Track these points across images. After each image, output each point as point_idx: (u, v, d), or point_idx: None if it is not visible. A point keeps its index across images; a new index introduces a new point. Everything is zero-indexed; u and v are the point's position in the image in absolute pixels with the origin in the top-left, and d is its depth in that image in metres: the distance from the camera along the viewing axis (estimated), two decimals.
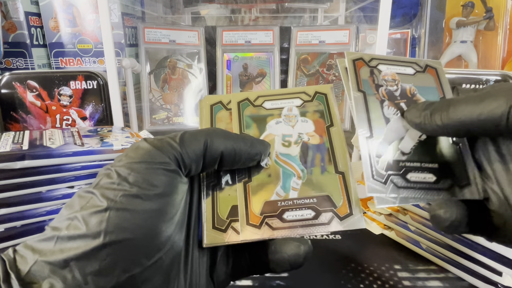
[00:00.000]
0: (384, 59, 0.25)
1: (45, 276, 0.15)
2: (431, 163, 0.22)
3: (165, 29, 0.70)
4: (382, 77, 0.24)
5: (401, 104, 0.23)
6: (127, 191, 0.17)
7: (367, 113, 0.23)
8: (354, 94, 0.23)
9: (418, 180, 0.21)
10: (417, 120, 0.21)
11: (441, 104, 0.20)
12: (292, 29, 0.72)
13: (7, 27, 0.66)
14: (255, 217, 0.21)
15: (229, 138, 0.21)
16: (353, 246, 0.40)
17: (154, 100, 0.69)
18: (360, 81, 0.24)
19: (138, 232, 0.17)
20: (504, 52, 0.63)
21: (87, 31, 0.69)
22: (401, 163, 0.22)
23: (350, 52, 0.25)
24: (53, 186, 0.35)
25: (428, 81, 0.25)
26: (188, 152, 0.19)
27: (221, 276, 0.22)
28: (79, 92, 0.53)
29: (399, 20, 0.79)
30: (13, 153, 0.32)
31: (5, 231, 0.33)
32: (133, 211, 0.17)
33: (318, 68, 0.71)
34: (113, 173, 0.17)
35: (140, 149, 0.19)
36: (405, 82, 0.24)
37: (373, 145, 0.22)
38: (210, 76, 0.73)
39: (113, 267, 0.16)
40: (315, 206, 0.21)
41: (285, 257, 0.20)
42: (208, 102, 0.25)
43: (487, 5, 0.63)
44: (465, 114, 0.18)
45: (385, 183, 0.21)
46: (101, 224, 0.16)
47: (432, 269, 0.36)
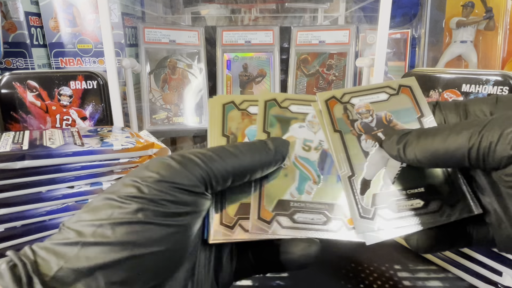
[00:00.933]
0: (356, 91, 0.25)
1: (69, 283, 0.15)
2: (417, 188, 0.22)
3: (165, 29, 0.70)
4: (356, 111, 0.24)
5: (379, 134, 0.23)
6: (158, 207, 0.17)
7: (345, 152, 0.23)
8: (331, 136, 0.23)
9: (406, 208, 0.21)
10: (393, 153, 0.21)
11: (412, 138, 0.20)
12: (292, 29, 0.72)
13: (7, 27, 0.66)
14: (266, 213, 0.21)
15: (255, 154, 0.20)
16: (353, 246, 0.41)
17: (154, 100, 0.69)
18: (335, 121, 0.24)
19: (165, 246, 0.17)
20: (504, 52, 0.63)
21: (87, 31, 0.69)
22: (386, 194, 0.22)
23: (321, 93, 0.25)
24: (53, 186, 0.35)
25: (404, 102, 0.25)
26: (216, 175, 0.19)
27: (226, 277, 0.22)
28: (79, 92, 0.53)
29: (399, 20, 0.79)
30: (13, 153, 0.32)
31: (5, 231, 0.33)
32: (161, 226, 0.17)
33: (318, 68, 0.71)
34: (144, 188, 0.17)
35: (170, 168, 0.18)
36: (380, 110, 0.24)
37: (356, 183, 0.22)
38: (210, 76, 0.73)
39: (137, 278, 0.16)
40: (326, 213, 0.21)
41: (294, 258, 0.20)
42: (220, 101, 0.25)
43: (487, 5, 0.63)
44: (433, 150, 0.19)
45: (372, 219, 0.21)
46: (130, 235, 0.16)
47: (432, 269, 0.36)
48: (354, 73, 0.70)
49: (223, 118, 0.25)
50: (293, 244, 0.21)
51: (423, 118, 0.24)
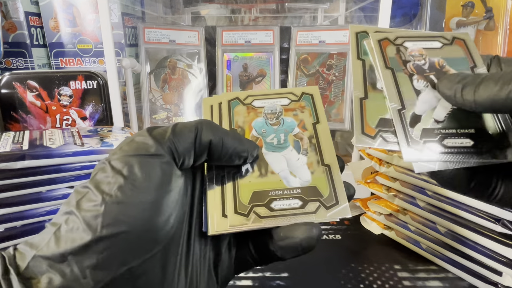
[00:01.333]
0: (410, 35, 0.25)
1: (44, 271, 0.15)
2: (467, 128, 0.22)
3: (165, 29, 0.70)
4: (409, 53, 0.24)
5: (431, 76, 0.23)
6: (122, 184, 0.17)
7: (397, 88, 0.23)
8: (383, 72, 0.23)
9: (455, 145, 0.21)
10: (448, 92, 0.21)
11: (473, 80, 0.19)
12: (292, 29, 0.72)
13: (7, 27, 0.66)
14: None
15: (219, 130, 0.21)
16: (353, 246, 0.40)
17: (154, 100, 0.69)
18: (387, 59, 0.24)
19: (134, 224, 0.17)
20: (504, 52, 0.63)
21: (87, 31, 0.69)
22: (436, 130, 0.22)
23: (375, 32, 0.25)
24: (53, 186, 0.35)
25: (457, 52, 0.25)
26: (180, 142, 0.19)
27: (225, 269, 0.22)
28: (79, 92, 0.53)
29: (399, 20, 0.79)
30: (13, 153, 0.32)
31: (5, 231, 0.33)
32: (128, 203, 0.17)
33: (318, 68, 0.71)
34: (107, 167, 0.18)
35: (134, 142, 0.19)
36: (433, 56, 0.24)
37: (406, 116, 0.22)
38: (210, 76, 0.73)
39: (111, 260, 0.16)
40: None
41: (297, 242, 0.20)
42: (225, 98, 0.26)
43: (487, 5, 0.63)
44: (494, 94, 0.18)
45: (421, 151, 0.21)
46: (97, 218, 0.16)
47: (432, 269, 0.36)
48: None
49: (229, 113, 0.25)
50: (293, 229, 0.21)
51: (476, 69, 0.24)
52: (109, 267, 0.16)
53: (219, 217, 0.21)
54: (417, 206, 0.38)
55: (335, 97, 0.69)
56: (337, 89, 0.70)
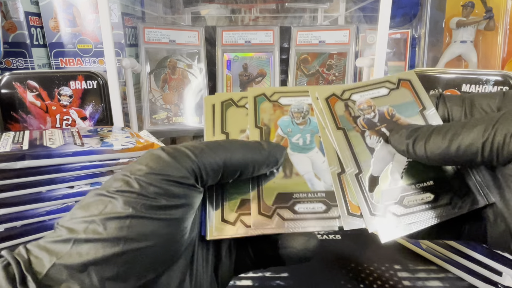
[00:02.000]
0: (356, 87, 0.25)
1: (63, 280, 0.15)
2: (426, 181, 0.22)
3: (165, 29, 0.70)
4: (357, 107, 0.24)
5: (382, 129, 0.23)
6: (148, 200, 0.17)
7: (350, 150, 0.22)
8: (335, 133, 0.23)
9: (416, 203, 0.21)
10: (401, 148, 0.21)
11: (422, 134, 0.20)
12: (292, 29, 0.72)
13: (7, 27, 0.66)
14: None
15: (248, 152, 0.20)
16: (353, 246, 0.40)
17: (154, 100, 0.69)
18: (337, 119, 0.23)
19: (157, 240, 0.17)
20: (504, 52, 0.63)
21: (87, 31, 0.69)
22: (395, 190, 0.21)
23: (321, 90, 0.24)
24: (53, 186, 0.35)
25: (404, 96, 0.24)
26: (206, 167, 0.19)
27: (225, 272, 0.22)
28: (79, 92, 0.53)
29: (399, 20, 0.79)
30: (13, 153, 0.32)
31: (5, 231, 0.33)
32: (153, 219, 0.17)
33: (318, 68, 0.71)
34: (133, 182, 0.17)
35: (160, 160, 0.18)
36: (382, 105, 0.24)
37: (364, 180, 0.22)
38: (210, 76, 0.73)
39: (131, 274, 0.16)
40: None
41: (294, 252, 0.21)
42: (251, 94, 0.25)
43: (487, 5, 0.63)
44: (444, 148, 0.19)
45: (384, 216, 0.21)
46: (121, 230, 0.16)
47: (432, 269, 0.36)
48: (354, 73, 0.70)
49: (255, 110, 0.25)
50: (292, 239, 0.21)
51: (425, 111, 0.23)
52: (127, 280, 0.16)
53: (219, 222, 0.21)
54: None
55: None
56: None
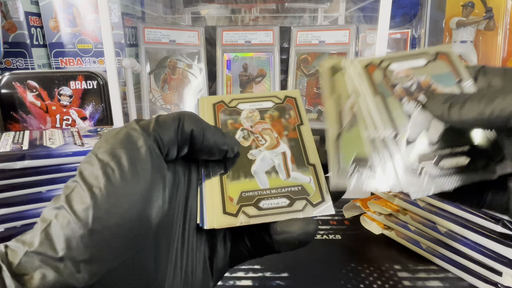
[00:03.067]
0: (394, 57, 0.26)
1: (36, 267, 0.15)
2: (462, 146, 0.22)
3: (165, 29, 0.70)
4: (395, 75, 0.25)
5: (420, 97, 0.23)
6: (110, 176, 0.17)
7: (388, 114, 0.23)
8: (373, 99, 0.24)
9: (452, 165, 0.21)
10: (437, 113, 0.21)
11: (458, 99, 0.20)
12: (292, 29, 0.72)
13: (7, 27, 0.66)
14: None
15: (201, 121, 0.21)
16: (353, 246, 0.41)
17: (154, 100, 0.69)
18: (375, 85, 0.24)
19: (125, 216, 0.17)
20: (504, 52, 0.63)
21: (87, 31, 0.69)
22: (431, 152, 0.22)
23: (360, 59, 0.25)
24: (53, 186, 0.35)
25: (442, 68, 0.25)
26: (163, 132, 0.19)
27: (220, 262, 0.22)
28: (79, 92, 0.53)
29: (399, 20, 0.79)
30: (13, 153, 0.32)
31: (5, 231, 0.33)
32: (118, 195, 0.17)
33: (318, 68, 0.71)
34: (94, 159, 0.17)
35: (119, 134, 0.19)
36: (419, 75, 0.25)
37: (401, 141, 0.22)
38: (210, 76, 0.73)
39: (104, 253, 0.16)
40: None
41: (294, 236, 0.21)
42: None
43: (487, 5, 0.63)
44: (478, 112, 0.19)
45: (419, 175, 0.21)
46: (87, 211, 0.16)
47: (432, 269, 0.36)
48: None
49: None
50: (291, 224, 0.21)
51: (462, 83, 0.24)
52: (103, 260, 0.16)
53: (217, 212, 0.22)
54: (417, 206, 0.38)
55: None
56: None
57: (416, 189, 0.21)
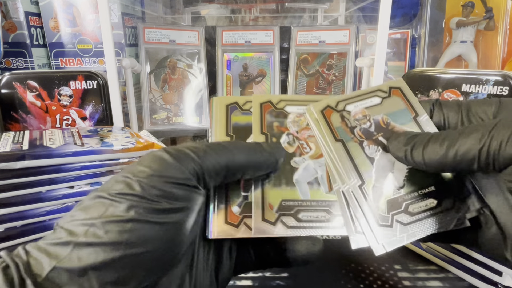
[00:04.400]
0: (349, 98, 0.25)
1: (63, 283, 0.15)
2: (427, 187, 0.22)
3: (165, 29, 0.70)
4: (353, 117, 0.24)
5: (380, 138, 0.23)
6: (150, 204, 0.17)
7: (351, 161, 0.23)
8: (334, 146, 0.23)
9: (421, 209, 0.21)
10: (400, 155, 0.21)
11: (420, 141, 0.20)
12: (292, 29, 0.72)
13: (7, 27, 0.66)
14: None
15: (251, 154, 0.20)
16: None
17: (154, 100, 0.69)
18: (334, 130, 0.24)
19: (158, 244, 0.17)
20: (504, 52, 0.63)
21: (87, 31, 0.69)
22: (399, 199, 0.22)
23: (315, 104, 0.25)
24: (53, 186, 0.35)
25: (397, 104, 0.25)
26: (209, 168, 0.19)
27: (225, 272, 0.22)
28: (79, 92, 0.53)
29: (399, 20, 0.79)
30: (13, 153, 0.32)
31: (5, 231, 0.33)
32: (154, 223, 0.17)
33: (318, 68, 0.71)
34: (135, 184, 0.17)
35: (162, 161, 0.18)
36: (376, 114, 0.24)
37: (368, 191, 0.22)
38: (210, 76, 0.73)
39: (131, 278, 0.16)
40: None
41: (298, 255, 0.21)
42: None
43: (487, 5, 0.63)
44: (441, 155, 0.19)
45: (391, 226, 0.21)
46: (122, 234, 0.16)
47: (432, 269, 0.36)
48: (354, 73, 0.70)
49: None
50: (297, 243, 0.21)
51: (418, 118, 0.24)
52: (127, 284, 0.16)
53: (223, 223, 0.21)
54: None
55: None
56: (337, 89, 0.70)
57: (388, 241, 0.20)
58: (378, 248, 0.20)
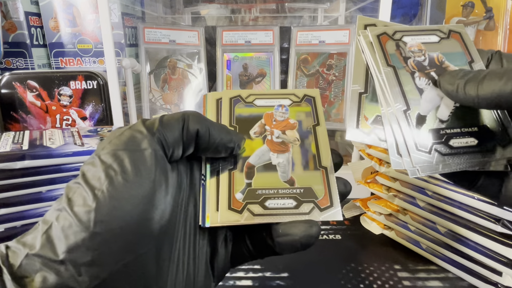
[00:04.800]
0: (407, 30, 0.25)
1: (37, 269, 0.15)
2: (471, 127, 0.22)
3: (165, 29, 0.70)
4: (408, 48, 0.24)
5: (432, 73, 0.23)
6: (113, 178, 0.17)
7: (400, 87, 0.23)
8: (384, 70, 0.23)
9: (461, 145, 0.21)
10: (450, 88, 0.21)
11: (475, 75, 0.20)
12: (292, 29, 0.72)
13: (7, 27, 0.66)
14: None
15: (205, 120, 0.21)
16: (353, 246, 0.40)
17: (154, 100, 0.69)
18: (388, 56, 0.24)
19: (128, 219, 0.16)
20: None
21: (87, 31, 0.69)
22: (441, 131, 0.22)
23: (372, 28, 0.25)
24: (53, 186, 0.35)
25: (454, 47, 0.25)
26: (168, 132, 0.19)
27: (221, 263, 0.22)
28: (79, 92, 0.53)
29: (399, 20, 0.79)
30: (13, 153, 0.32)
31: (5, 231, 0.33)
32: (121, 198, 0.16)
33: (318, 68, 0.71)
34: (97, 161, 0.17)
35: (123, 135, 0.18)
36: (432, 51, 0.24)
37: (412, 117, 0.22)
38: (210, 76, 0.73)
39: (106, 257, 0.16)
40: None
41: (296, 239, 0.20)
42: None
43: (487, 5, 0.63)
44: (498, 89, 0.18)
45: (429, 153, 0.21)
46: (89, 214, 0.16)
47: (432, 269, 0.36)
48: None
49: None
50: (293, 226, 0.21)
51: (473, 64, 0.24)
52: (104, 264, 0.16)
53: (222, 208, 0.21)
54: (417, 206, 0.38)
55: (335, 97, 0.69)
56: (337, 89, 0.70)
57: (423, 166, 0.21)
58: (413, 171, 0.20)
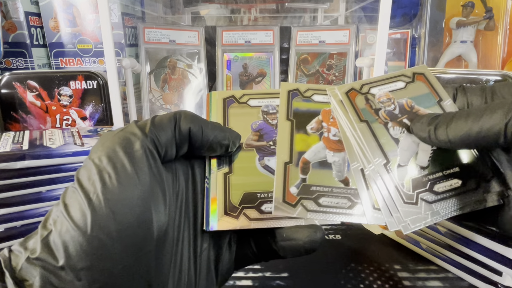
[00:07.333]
0: (373, 81, 0.26)
1: (37, 274, 0.15)
2: (452, 167, 0.22)
3: (165, 29, 0.70)
4: (377, 100, 0.25)
5: (404, 120, 0.24)
6: (106, 182, 0.17)
7: (376, 141, 0.23)
8: (358, 126, 0.23)
9: (446, 189, 0.21)
10: (423, 135, 0.21)
11: (443, 120, 0.20)
12: (292, 29, 0.72)
13: (7, 27, 0.66)
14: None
15: (197, 118, 0.21)
16: (353, 246, 0.40)
17: (154, 100, 0.69)
18: (359, 112, 0.24)
19: (124, 222, 0.16)
20: (504, 52, 0.63)
21: (87, 31, 0.69)
22: (424, 178, 0.22)
23: (340, 86, 0.25)
24: (53, 186, 0.35)
25: (421, 89, 0.25)
26: (160, 133, 0.19)
27: (225, 266, 0.22)
28: (79, 92, 0.53)
29: (399, 20, 0.79)
30: (13, 153, 0.32)
31: (5, 231, 0.33)
32: (116, 201, 0.16)
33: (318, 68, 0.71)
34: (90, 164, 0.17)
35: (115, 137, 0.18)
36: (400, 97, 0.25)
37: (393, 169, 0.22)
38: (210, 76, 0.73)
39: (104, 260, 0.16)
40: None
41: (300, 244, 0.20)
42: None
43: (487, 5, 0.63)
44: (466, 131, 0.19)
45: (416, 203, 0.21)
46: (85, 218, 0.16)
47: (432, 269, 0.36)
48: (354, 73, 0.70)
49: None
50: (297, 231, 0.21)
51: (442, 102, 0.24)
52: (103, 267, 0.16)
53: (219, 212, 0.21)
54: None
55: None
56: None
57: (413, 218, 0.20)
58: (404, 226, 0.20)
